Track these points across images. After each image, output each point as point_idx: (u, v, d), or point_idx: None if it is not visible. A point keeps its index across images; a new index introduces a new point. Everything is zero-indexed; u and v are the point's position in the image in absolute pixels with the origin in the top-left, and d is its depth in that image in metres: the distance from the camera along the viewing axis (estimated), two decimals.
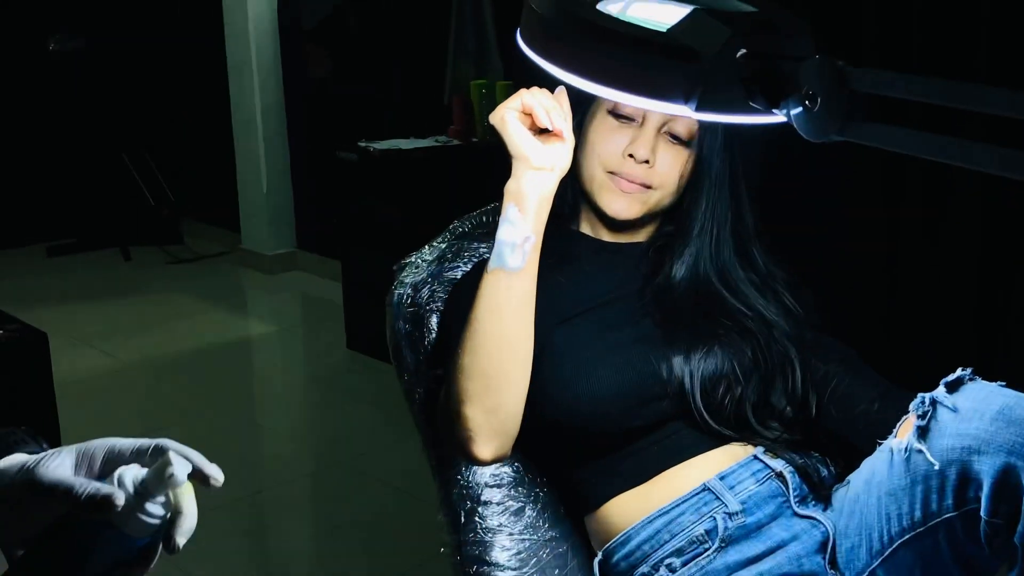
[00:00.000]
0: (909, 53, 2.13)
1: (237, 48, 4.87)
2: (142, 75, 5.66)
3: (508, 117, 1.26)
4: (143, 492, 0.72)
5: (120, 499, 0.71)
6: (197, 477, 0.74)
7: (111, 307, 4.64)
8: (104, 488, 0.71)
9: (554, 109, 1.24)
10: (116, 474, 0.73)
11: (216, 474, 0.75)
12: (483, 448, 1.32)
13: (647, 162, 1.40)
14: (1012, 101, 0.71)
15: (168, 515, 0.74)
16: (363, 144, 3.77)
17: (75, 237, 5.43)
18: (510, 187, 1.27)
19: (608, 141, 1.41)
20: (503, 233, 1.28)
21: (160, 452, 0.75)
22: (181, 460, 0.73)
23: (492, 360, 1.29)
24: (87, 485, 0.72)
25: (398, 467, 3.02)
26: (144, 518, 0.72)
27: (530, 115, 1.26)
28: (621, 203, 1.43)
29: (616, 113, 1.41)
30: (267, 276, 5.06)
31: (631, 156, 1.40)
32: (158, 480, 0.72)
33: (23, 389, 2.40)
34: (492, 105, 3.61)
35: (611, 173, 1.42)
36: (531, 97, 1.25)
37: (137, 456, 0.75)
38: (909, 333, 2.21)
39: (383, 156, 3.69)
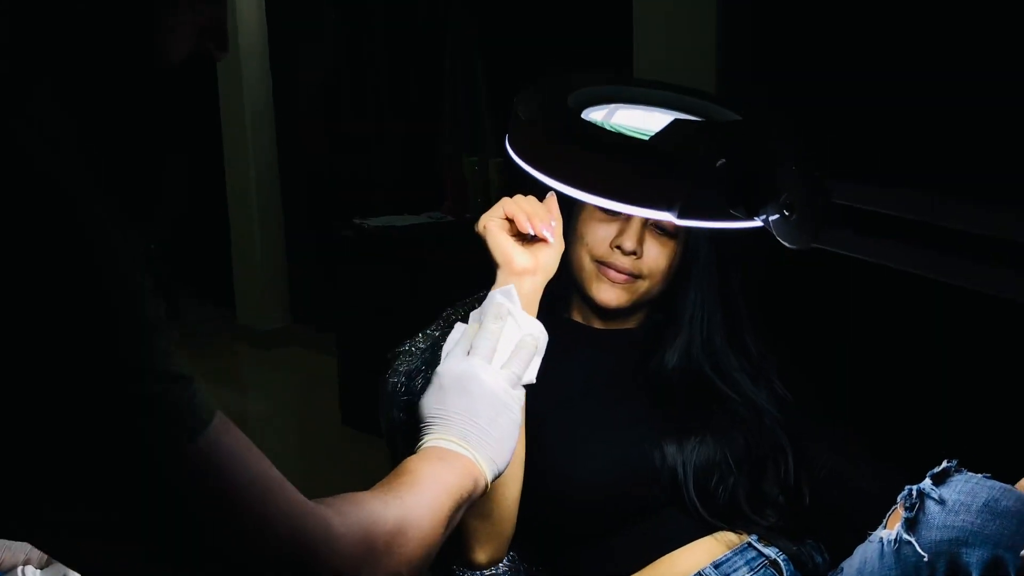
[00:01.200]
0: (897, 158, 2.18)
1: (232, 124, 4.94)
2: (140, 153, 5.72)
3: (490, 226, 1.28)
4: None
5: None
6: None
7: None
8: None
9: (536, 214, 1.27)
10: (19, 571, 0.93)
11: None
12: (479, 553, 1.34)
13: (634, 253, 1.43)
14: (989, 220, 0.74)
15: None
16: (358, 221, 3.81)
17: None
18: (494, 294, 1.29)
19: (596, 233, 1.45)
20: None
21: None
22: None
23: None
24: None
25: None
26: None
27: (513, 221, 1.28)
28: (610, 293, 1.45)
29: (603, 207, 1.44)
30: (262, 351, 5.06)
31: (618, 248, 1.43)
32: None
33: None
34: (485, 181, 3.69)
35: (600, 263, 1.45)
36: (512, 204, 1.28)
37: (28, 558, 0.94)
38: (902, 417, 2.22)
39: (377, 232, 3.73)
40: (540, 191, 1.30)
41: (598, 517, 1.39)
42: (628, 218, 1.43)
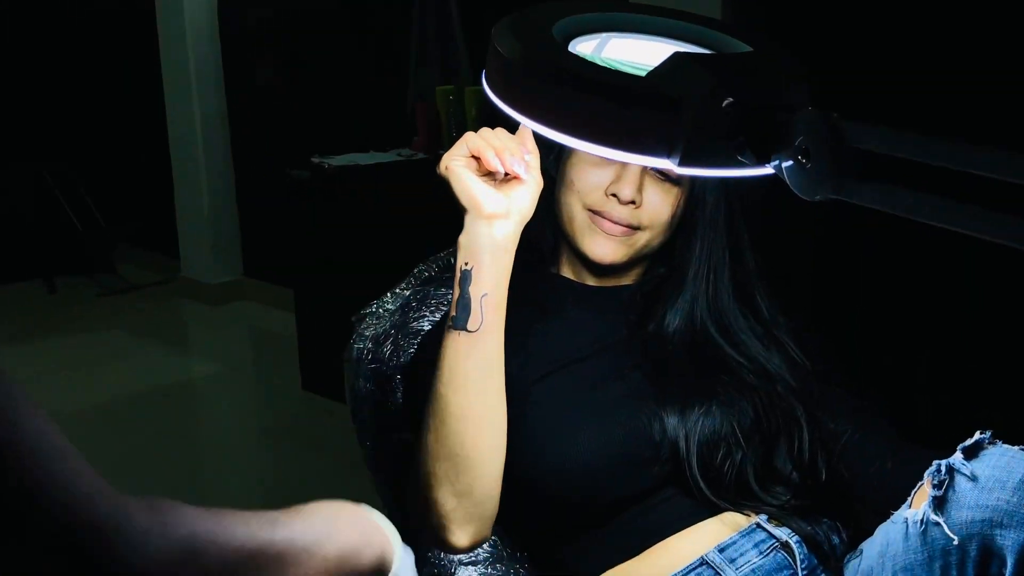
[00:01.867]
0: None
1: (172, 51, 4.89)
2: (67, 81, 5.66)
3: (453, 166, 1.27)
4: None
5: None
6: None
7: (34, 347, 4.63)
8: None
9: (506, 149, 1.25)
10: None
11: None
12: (458, 535, 1.34)
13: (633, 203, 1.42)
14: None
15: None
16: (317, 160, 3.79)
17: None
18: (461, 240, 1.29)
19: (588, 178, 1.43)
20: (456, 292, 1.29)
21: None
22: None
23: (459, 438, 1.31)
24: None
25: None
26: None
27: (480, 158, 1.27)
28: (605, 247, 1.45)
29: None
30: (211, 308, 5.06)
31: (614, 196, 1.42)
32: None
33: None
34: (461, 113, 3.68)
35: (593, 212, 1.44)
36: (477, 139, 1.27)
37: None
38: (929, 385, 2.24)
39: (339, 173, 3.71)
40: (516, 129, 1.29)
41: (591, 501, 1.40)
42: (625, 162, 1.42)
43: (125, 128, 5.59)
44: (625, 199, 1.41)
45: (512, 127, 1.26)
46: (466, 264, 1.28)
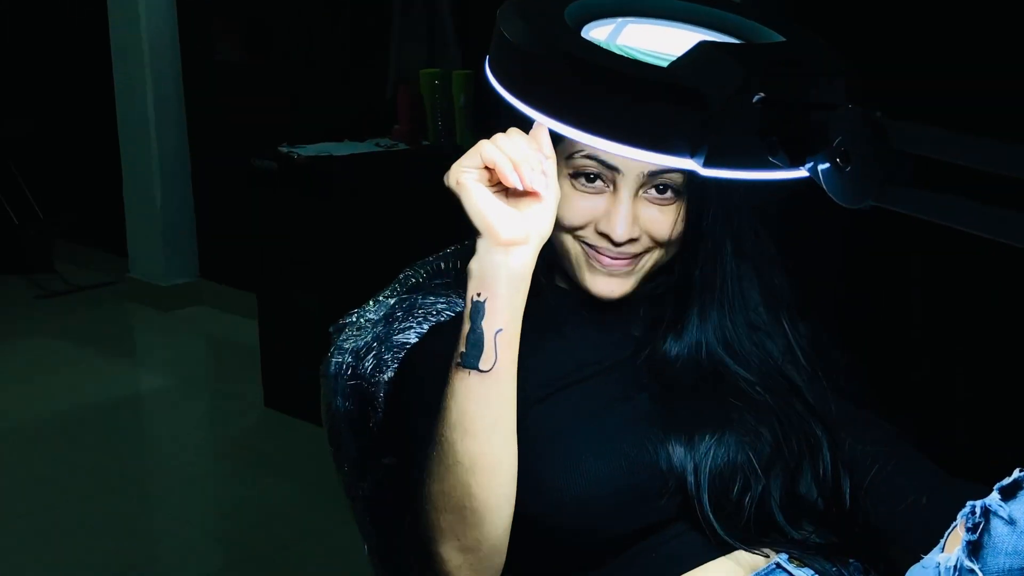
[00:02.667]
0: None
1: (123, 23, 4.88)
2: (4, 54, 5.65)
3: (465, 180, 1.24)
4: None
5: None
6: None
7: None
8: None
9: (525, 161, 1.22)
10: None
11: None
12: None
13: (631, 240, 1.39)
14: None
15: None
16: (285, 149, 3.79)
17: None
18: (473, 268, 1.26)
19: (574, 209, 1.40)
20: (467, 326, 1.27)
21: None
22: None
23: (467, 490, 1.29)
24: None
25: (332, 559, 3.02)
26: None
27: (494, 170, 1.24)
28: (609, 284, 1.43)
29: (579, 173, 1.38)
30: (163, 313, 5.05)
31: (606, 236, 1.40)
32: None
33: None
34: (447, 100, 3.68)
35: (588, 245, 1.43)
36: (492, 150, 1.23)
37: None
38: (970, 414, 2.24)
39: (310, 164, 3.71)
40: (522, 122, 1.27)
41: (592, 537, 1.40)
42: (614, 191, 1.39)
43: (68, 109, 5.57)
44: (620, 240, 1.39)
45: (515, 117, 1.25)
46: (478, 295, 1.26)
